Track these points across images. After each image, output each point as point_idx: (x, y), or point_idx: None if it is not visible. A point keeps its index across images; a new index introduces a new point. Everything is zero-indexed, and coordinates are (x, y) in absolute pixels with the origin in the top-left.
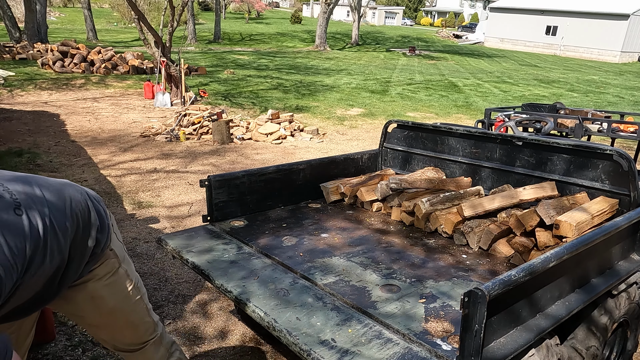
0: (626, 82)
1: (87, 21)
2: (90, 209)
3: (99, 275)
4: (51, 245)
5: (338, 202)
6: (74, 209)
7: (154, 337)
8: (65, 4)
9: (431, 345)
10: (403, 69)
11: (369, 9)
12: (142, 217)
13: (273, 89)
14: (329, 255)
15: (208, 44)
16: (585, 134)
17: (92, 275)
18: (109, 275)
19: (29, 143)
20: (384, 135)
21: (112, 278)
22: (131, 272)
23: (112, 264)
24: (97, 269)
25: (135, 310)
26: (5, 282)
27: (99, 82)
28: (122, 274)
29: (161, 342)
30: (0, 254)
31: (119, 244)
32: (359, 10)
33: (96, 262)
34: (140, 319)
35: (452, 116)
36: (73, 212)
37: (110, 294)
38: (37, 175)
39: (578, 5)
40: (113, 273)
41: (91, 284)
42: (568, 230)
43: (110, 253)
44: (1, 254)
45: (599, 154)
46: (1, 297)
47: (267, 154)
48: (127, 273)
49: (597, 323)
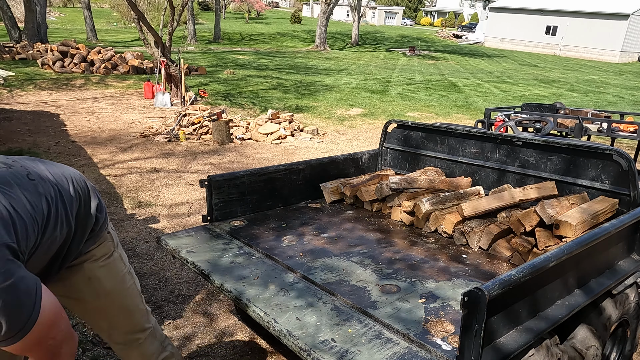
0: (626, 82)
1: (87, 21)
2: (89, 188)
3: (95, 256)
4: (60, 214)
5: (338, 202)
6: (75, 184)
7: (149, 328)
8: (65, 4)
9: (431, 345)
10: (403, 69)
11: (368, 9)
12: (142, 217)
13: (273, 89)
14: (329, 255)
15: (208, 44)
16: (585, 133)
17: (89, 256)
18: (105, 257)
19: (29, 143)
20: (384, 135)
21: (108, 260)
22: (124, 259)
23: (108, 247)
24: (94, 249)
25: (130, 295)
26: (30, 234)
27: (99, 82)
28: (117, 258)
29: (155, 335)
30: (23, 207)
31: (113, 232)
32: (358, 10)
33: (94, 242)
34: (135, 305)
35: (452, 116)
36: (75, 187)
37: (106, 275)
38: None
39: (578, 5)
40: (109, 255)
41: (88, 265)
42: (568, 230)
43: (108, 235)
44: (24, 207)
45: (598, 153)
46: (29, 246)
47: (267, 153)
48: (121, 257)
49: (597, 323)
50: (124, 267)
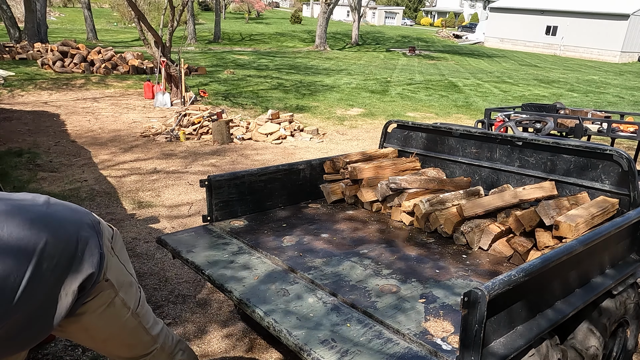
0: (626, 82)
1: (87, 21)
2: (78, 252)
3: (92, 308)
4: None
5: (338, 202)
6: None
7: (154, 350)
8: (65, 4)
9: (431, 345)
10: (403, 69)
11: (369, 9)
12: (142, 217)
13: (273, 89)
14: (329, 255)
15: (208, 44)
16: (585, 134)
17: (85, 309)
18: (103, 307)
19: (29, 143)
20: (384, 135)
21: (108, 310)
22: (129, 299)
23: (107, 296)
24: (90, 302)
25: (132, 334)
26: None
27: (99, 82)
28: (118, 305)
29: (164, 349)
30: None
31: (118, 268)
32: (359, 10)
33: (88, 295)
34: (137, 340)
35: (452, 116)
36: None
37: (105, 325)
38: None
39: (578, 5)
40: (108, 304)
41: (85, 317)
42: (568, 230)
43: (106, 284)
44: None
45: (599, 154)
46: None
47: (267, 154)
48: (123, 302)
49: (597, 323)
50: (127, 311)
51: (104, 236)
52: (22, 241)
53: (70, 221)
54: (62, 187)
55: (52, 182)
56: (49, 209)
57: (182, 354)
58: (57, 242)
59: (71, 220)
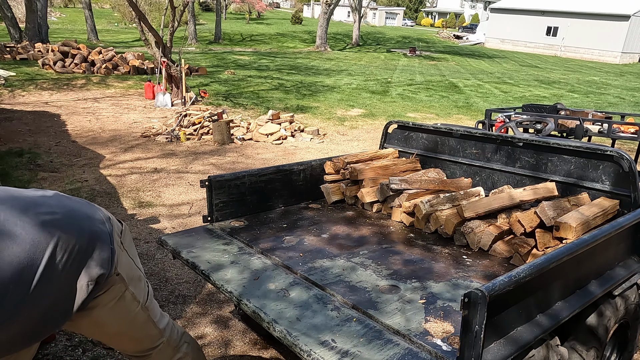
0: (627, 83)
1: (88, 21)
2: (87, 249)
3: (103, 301)
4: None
5: (338, 202)
6: (58, 252)
7: (160, 344)
8: (66, 4)
9: (431, 346)
10: (403, 70)
11: (369, 10)
12: (143, 217)
13: (274, 89)
14: (329, 256)
15: (209, 44)
16: (586, 135)
17: (96, 303)
18: (114, 301)
19: (30, 143)
20: (385, 136)
21: (118, 304)
22: (138, 293)
23: (117, 290)
24: (102, 295)
25: (141, 328)
26: None
27: (100, 82)
28: (128, 299)
29: (169, 343)
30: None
31: (128, 262)
32: (359, 10)
33: (101, 289)
34: (146, 334)
35: (453, 117)
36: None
37: (115, 319)
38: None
39: (579, 6)
40: (119, 298)
41: (96, 311)
42: (568, 231)
43: (117, 278)
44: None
45: (599, 155)
46: None
47: (267, 154)
48: (133, 296)
49: (597, 324)
50: (137, 305)
51: (114, 231)
52: (36, 236)
53: (82, 216)
54: (62, 187)
55: (53, 182)
56: (60, 204)
57: (187, 347)
58: (70, 237)
59: (83, 215)
